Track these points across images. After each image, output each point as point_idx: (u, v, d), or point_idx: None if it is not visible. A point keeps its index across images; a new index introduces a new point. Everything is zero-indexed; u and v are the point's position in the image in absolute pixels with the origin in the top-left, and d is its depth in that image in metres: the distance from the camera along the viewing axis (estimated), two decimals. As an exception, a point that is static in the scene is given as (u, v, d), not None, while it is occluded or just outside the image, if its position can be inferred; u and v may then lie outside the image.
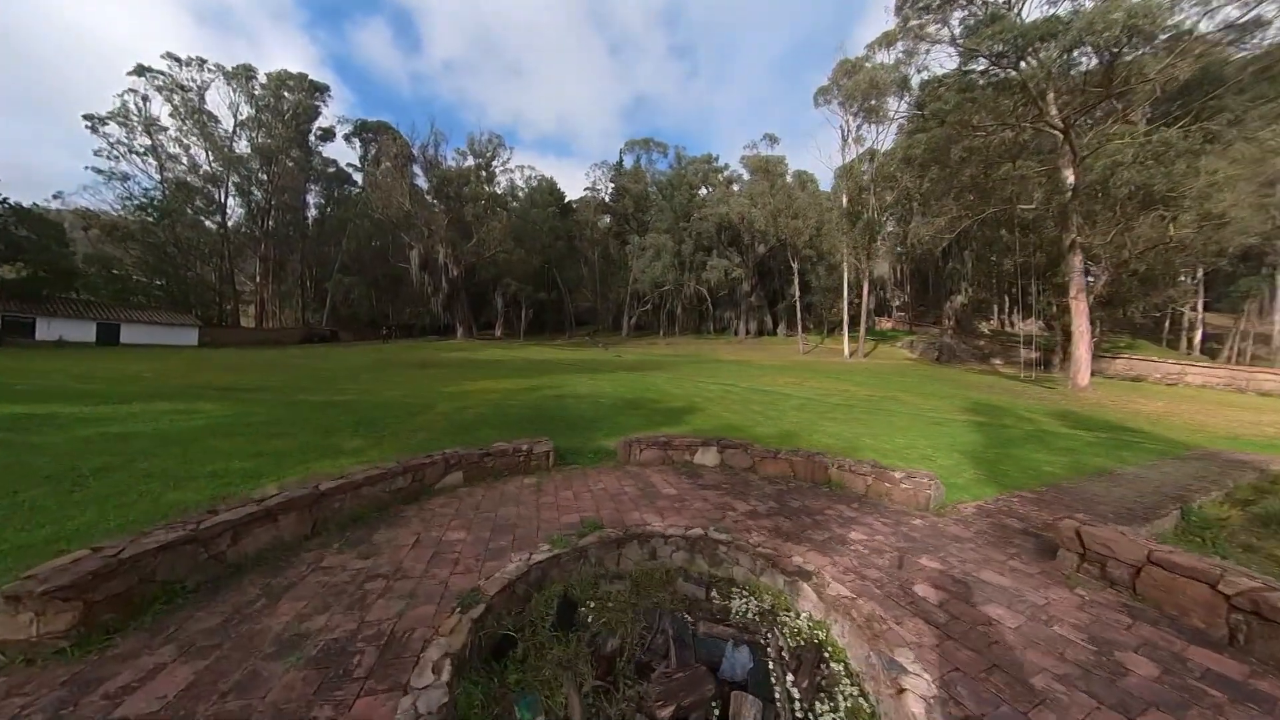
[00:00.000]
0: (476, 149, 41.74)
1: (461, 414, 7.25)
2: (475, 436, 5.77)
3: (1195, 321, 23.21)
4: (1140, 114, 13.62)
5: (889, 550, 3.14)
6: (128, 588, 2.14)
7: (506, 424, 6.70)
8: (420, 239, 37.73)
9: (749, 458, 5.13)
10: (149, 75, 27.82)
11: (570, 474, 4.72)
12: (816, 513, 3.81)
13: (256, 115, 31.31)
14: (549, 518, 3.51)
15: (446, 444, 5.23)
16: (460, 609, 2.19)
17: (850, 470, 4.48)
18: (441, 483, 4.13)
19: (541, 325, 52.68)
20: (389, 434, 5.66)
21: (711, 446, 5.31)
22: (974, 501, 4.31)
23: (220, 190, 31.06)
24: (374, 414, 6.88)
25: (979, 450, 6.90)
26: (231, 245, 32.86)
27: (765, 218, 36.61)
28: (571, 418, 7.48)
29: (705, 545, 3.24)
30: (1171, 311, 24.04)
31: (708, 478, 4.74)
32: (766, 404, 10.24)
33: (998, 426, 9.09)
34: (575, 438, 6.16)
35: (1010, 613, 2.42)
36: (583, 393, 10.36)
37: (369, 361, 17.17)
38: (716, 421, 7.97)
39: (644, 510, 3.75)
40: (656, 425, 7.32)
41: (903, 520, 3.71)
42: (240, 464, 4.15)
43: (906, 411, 10.56)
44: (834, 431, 7.71)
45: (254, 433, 5.31)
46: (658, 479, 4.62)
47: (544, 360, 20.62)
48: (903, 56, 18.09)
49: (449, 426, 6.27)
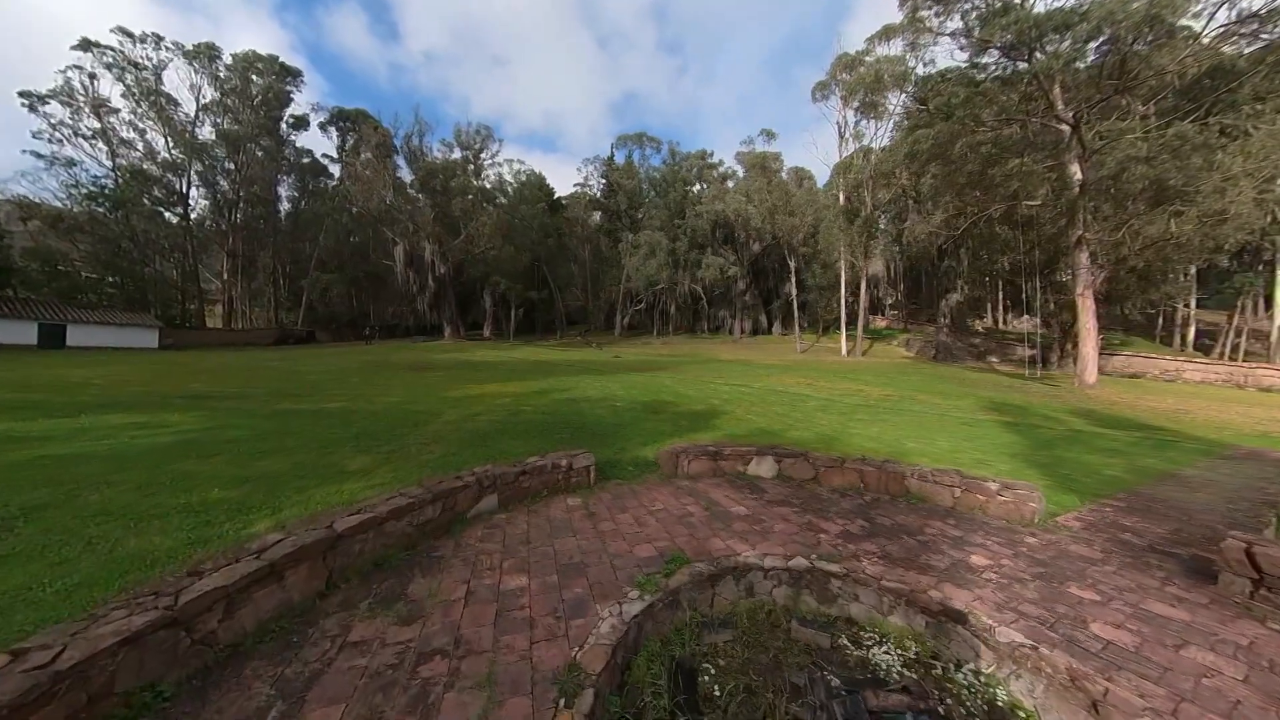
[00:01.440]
0: (464, 140, 40.50)
1: (473, 422, 6.63)
2: (497, 449, 5.19)
3: (1189, 318, 24.10)
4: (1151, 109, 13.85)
5: (1027, 578, 2.74)
6: (71, 713, 1.43)
7: (526, 433, 6.12)
8: (405, 234, 36.33)
9: (811, 468, 4.71)
10: (97, 51, 25.64)
11: (618, 492, 4.20)
12: (916, 532, 3.40)
13: (221, 99, 29.37)
14: (619, 551, 2.99)
15: (468, 459, 4.65)
16: (563, 700, 1.66)
17: (933, 481, 4.10)
18: (475, 509, 3.56)
19: (531, 325, 51.64)
20: (397, 449, 5.02)
21: (767, 456, 4.87)
22: (1069, 512, 3.98)
23: (182, 180, 29.01)
24: (374, 425, 6.20)
25: (1027, 453, 6.68)
26: (195, 239, 30.77)
27: (762, 215, 36.58)
28: (593, 424, 6.95)
29: (813, 579, 2.78)
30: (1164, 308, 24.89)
31: (772, 492, 4.29)
32: (788, 406, 9.89)
33: (1029, 426, 8.96)
34: (607, 447, 5.64)
35: (1221, 658, 2.03)
36: (595, 396, 9.81)
37: (357, 364, 16.18)
38: (746, 426, 7.56)
39: (721, 535, 3.27)
40: (685, 431, 6.85)
41: (1015, 539, 3.33)
42: (222, 493, 3.45)
43: (931, 412, 10.37)
44: (871, 434, 7.39)
45: (235, 451, 4.61)
46: (718, 495, 4.14)
47: (542, 361, 19.91)
48: (906, 50, 18.13)
49: (464, 438, 5.66)
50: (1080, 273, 15.52)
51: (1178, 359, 20.64)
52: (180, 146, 28.23)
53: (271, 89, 32.27)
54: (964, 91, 14.61)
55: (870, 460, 4.58)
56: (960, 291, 31.60)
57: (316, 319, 43.40)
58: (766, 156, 38.90)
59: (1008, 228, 21.75)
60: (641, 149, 50.26)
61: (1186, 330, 24.86)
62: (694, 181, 47.33)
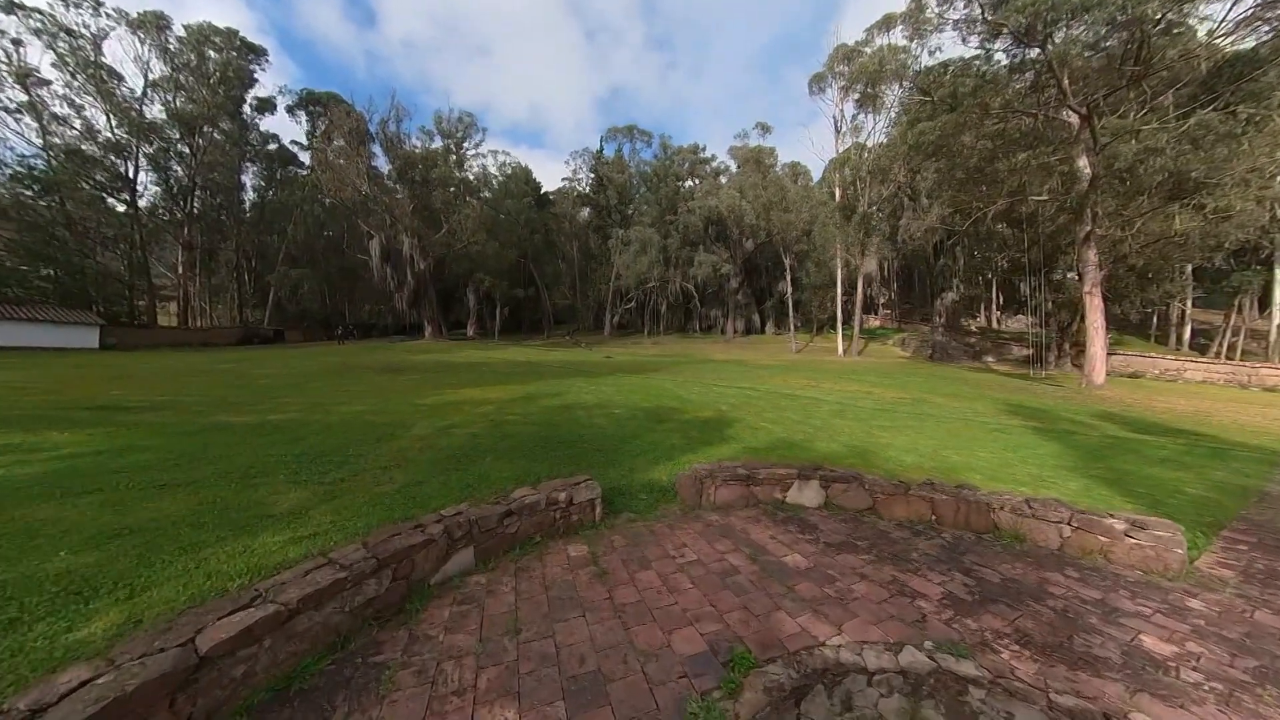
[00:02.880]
0: (445, 129, 38.92)
1: (449, 437, 5.62)
2: (476, 473, 4.22)
3: (1184, 317, 24.48)
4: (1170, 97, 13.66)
5: (1246, 679, 1.94)
6: None
7: (512, 450, 5.16)
8: (382, 227, 34.55)
9: (866, 495, 3.88)
10: (22, 13, 23.14)
11: (633, 533, 3.29)
12: (1039, 593, 2.59)
13: (173, 75, 27.08)
14: (651, 644, 2.08)
15: (438, 492, 3.67)
16: None
17: (1032, 515, 3.31)
18: (442, 571, 2.60)
19: (517, 324, 50.29)
20: (348, 476, 4.00)
21: (811, 480, 4.03)
22: (1204, 554, 3.24)
23: (128, 163, 26.69)
24: (325, 442, 5.13)
25: (1082, 465, 6.03)
26: (145, 229, 28.38)
27: (757, 211, 36.11)
28: (593, 437, 6.01)
29: (940, 685, 1.92)
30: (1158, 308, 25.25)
31: (826, 529, 3.45)
32: (802, 411, 9.14)
33: (1063, 433, 8.40)
34: (612, 468, 4.73)
35: None
36: (590, 402, 8.87)
37: (322, 366, 14.80)
38: (764, 436, 6.74)
39: (785, 606, 2.40)
40: (698, 445, 5.99)
41: (1173, 602, 2.54)
42: (67, 559, 2.32)
43: (953, 416, 9.77)
44: (904, 445, 6.66)
45: (124, 485, 3.52)
46: (761, 536, 3.28)
47: (529, 362, 18.80)
48: (910, 37, 17.70)
49: (435, 459, 4.66)
50: (1088, 270, 15.29)
51: (1179, 358, 20.83)
52: (125, 126, 25.91)
53: (231, 66, 30.07)
54: (972, 81, 14.20)
55: (941, 486, 3.78)
56: (956, 290, 31.68)
57: (286, 318, 41.16)
58: (761, 151, 38.52)
59: (1005, 225, 21.64)
60: (632, 142, 49.40)
61: (1182, 329, 25.26)
62: (686, 177, 46.69)
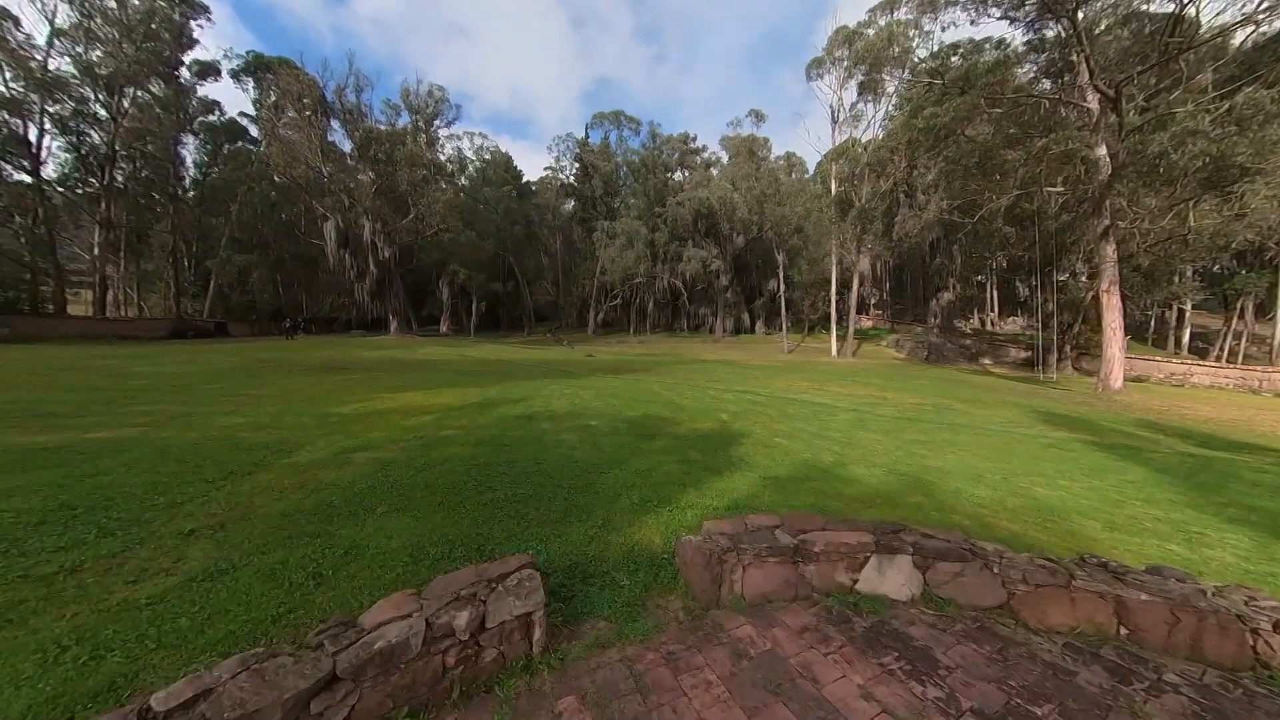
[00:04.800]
0: (413, 103, 36.22)
1: (343, 468, 3.91)
2: (345, 543, 2.56)
3: (1184, 319, 24.48)
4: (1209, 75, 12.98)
5: None
6: None
7: (430, 490, 3.50)
8: (339, 209, 31.75)
9: (995, 581, 2.40)
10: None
11: (602, 685, 1.70)
12: None
13: (84, 24, 23.73)
14: None
15: (240, 602, 2.02)
16: None
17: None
18: None
19: (496, 321, 47.95)
20: (93, 560, 2.29)
21: (900, 556, 2.52)
22: None
23: (29, 124, 23.25)
24: (133, 479, 3.35)
25: (1200, 501, 4.76)
26: (49, 202, 24.84)
27: (749, 203, 34.94)
28: (553, 467, 4.38)
29: None
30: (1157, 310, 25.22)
31: (948, 659, 1.94)
32: (816, 421, 7.73)
33: (1129, 450, 7.23)
34: (575, 522, 3.13)
35: None
36: (561, 410, 7.23)
37: (240, 363, 12.60)
38: (785, 458, 5.27)
39: None
40: (703, 475, 4.46)
41: None
42: None
43: (989, 427, 8.55)
44: (959, 469, 5.32)
45: None
46: (839, 683, 1.73)
47: (500, 361, 16.94)
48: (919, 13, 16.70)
49: (295, 511, 2.95)
50: (1106, 266, 14.55)
51: (1185, 362, 20.62)
52: (24, 80, 22.51)
53: (161, 18, 26.79)
54: (991, 56, 13.20)
55: (1133, 574, 2.32)
56: (953, 290, 31.28)
57: (230, 308, 37.71)
58: (754, 140, 37.37)
59: (1004, 223, 21.03)
60: (619, 129, 47.58)
61: (1181, 333, 25.30)
62: (675, 168, 45.23)
